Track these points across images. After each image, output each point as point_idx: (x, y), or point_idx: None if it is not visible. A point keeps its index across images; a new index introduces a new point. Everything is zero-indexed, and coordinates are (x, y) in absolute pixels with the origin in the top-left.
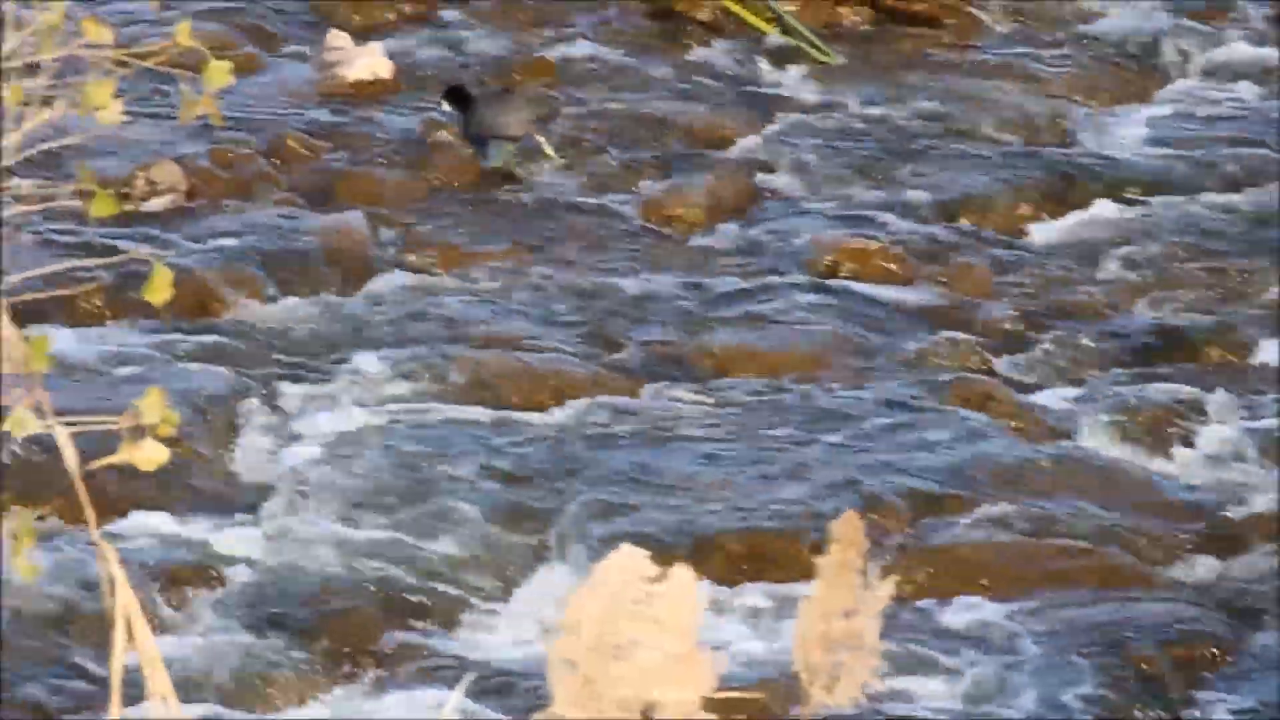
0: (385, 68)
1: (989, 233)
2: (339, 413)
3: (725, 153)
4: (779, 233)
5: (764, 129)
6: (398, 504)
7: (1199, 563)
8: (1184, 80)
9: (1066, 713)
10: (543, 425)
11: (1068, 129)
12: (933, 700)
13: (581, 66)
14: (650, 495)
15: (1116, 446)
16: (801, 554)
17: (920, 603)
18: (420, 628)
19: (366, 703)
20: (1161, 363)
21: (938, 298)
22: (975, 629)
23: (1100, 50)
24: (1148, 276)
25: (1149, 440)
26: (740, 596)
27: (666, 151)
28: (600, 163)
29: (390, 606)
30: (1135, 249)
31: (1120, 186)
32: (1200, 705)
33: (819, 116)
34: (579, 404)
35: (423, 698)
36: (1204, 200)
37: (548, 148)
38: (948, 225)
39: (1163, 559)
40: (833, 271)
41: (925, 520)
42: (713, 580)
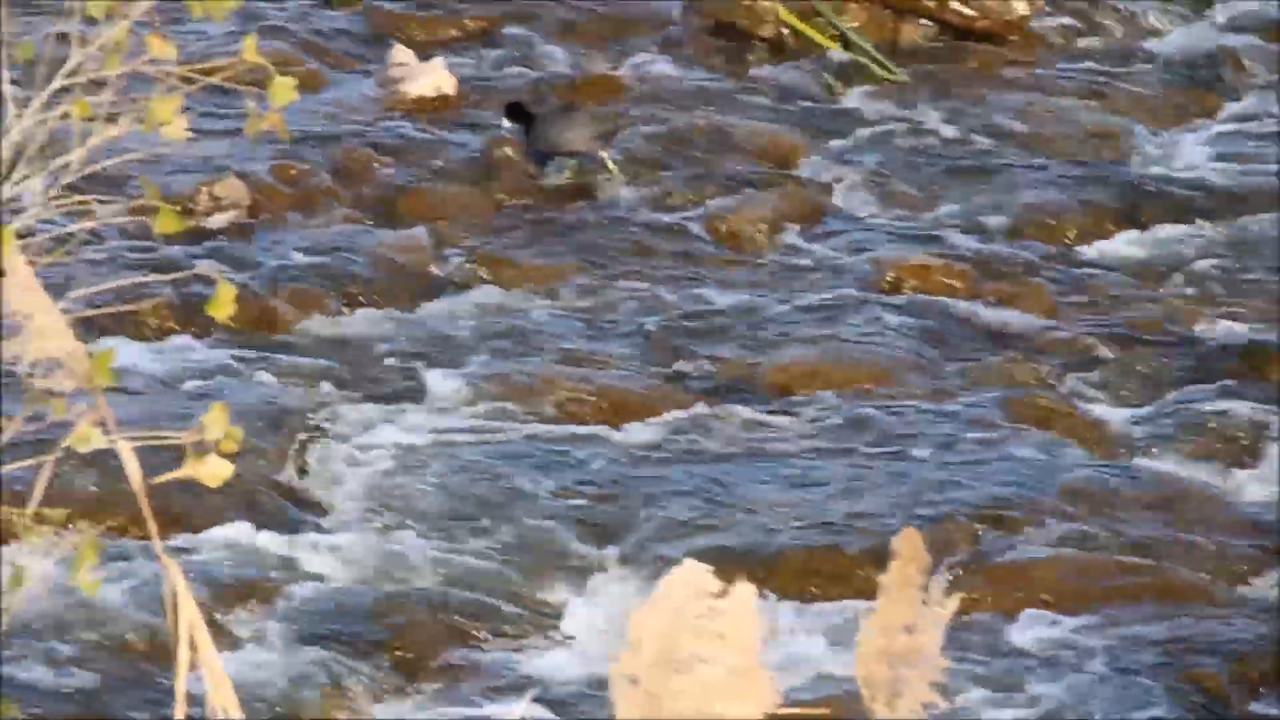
0: (449, 83)
1: (1053, 250)
2: (403, 428)
3: (789, 169)
4: (843, 250)
5: (827, 146)
6: (462, 519)
7: (1263, 580)
8: (1246, 98)
9: None
10: (606, 441)
11: (1131, 146)
12: (995, 717)
13: (645, 83)
14: (714, 511)
15: (1181, 463)
16: (864, 570)
17: (983, 618)
18: (485, 643)
19: (430, 718)
20: (1226, 380)
21: (1001, 315)
22: (1037, 645)
23: (1163, 68)
24: (1212, 294)
25: (1213, 457)
26: (803, 612)
27: (730, 168)
28: (664, 179)
29: (455, 622)
30: (1199, 266)
31: (1184, 204)
32: None
33: (882, 133)
34: (642, 420)
35: (487, 713)
36: (1267, 218)
37: (610, 164)
38: (1011, 242)
39: (1227, 576)
40: (896, 289)
41: (989, 537)
42: (775, 596)
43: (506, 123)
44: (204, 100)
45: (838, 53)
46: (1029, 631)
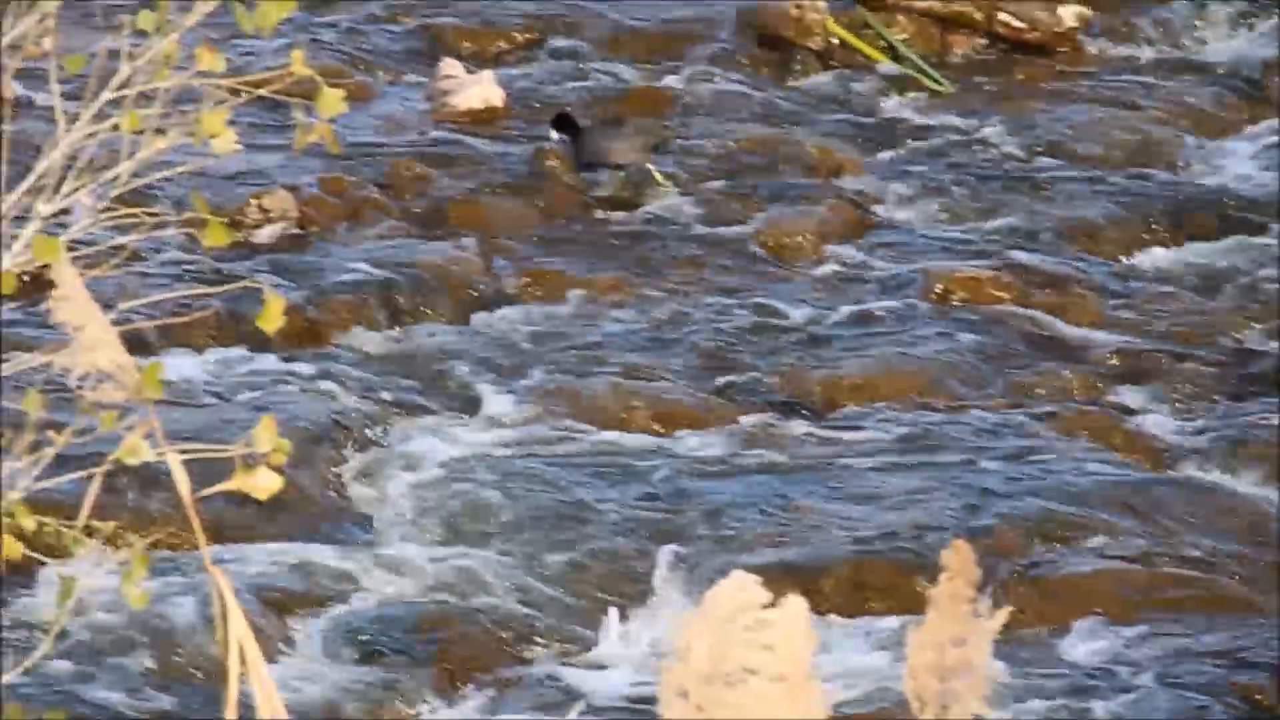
0: (497, 96)
1: (1101, 261)
2: (452, 441)
3: (837, 181)
4: (892, 261)
5: (876, 157)
6: (509, 531)
7: None
8: None
9: None
10: (654, 453)
11: (1179, 157)
12: None
13: (692, 95)
14: (764, 523)
15: (1231, 474)
16: (913, 582)
17: (1033, 631)
18: (531, 656)
19: None
20: (1273, 391)
21: (1051, 326)
22: (1088, 657)
23: (1210, 78)
24: (1262, 305)
25: (1261, 468)
26: (853, 624)
27: (779, 180)
28: (711, 191)
29: (504, 635)
30: (1246, 277)
31: (1233, 214)
32: None
33: (931, 145)
34: (690, 431)
35: None
36: None
37: (658, 176)
38: (1060, 254)
39: (1275, 587)
40: (946, 300)
41: (1039, 549)
42: (824, 608)
43: (554, 135)
44: (253, 113)
45: (887, 65)
46: (1079, 644)
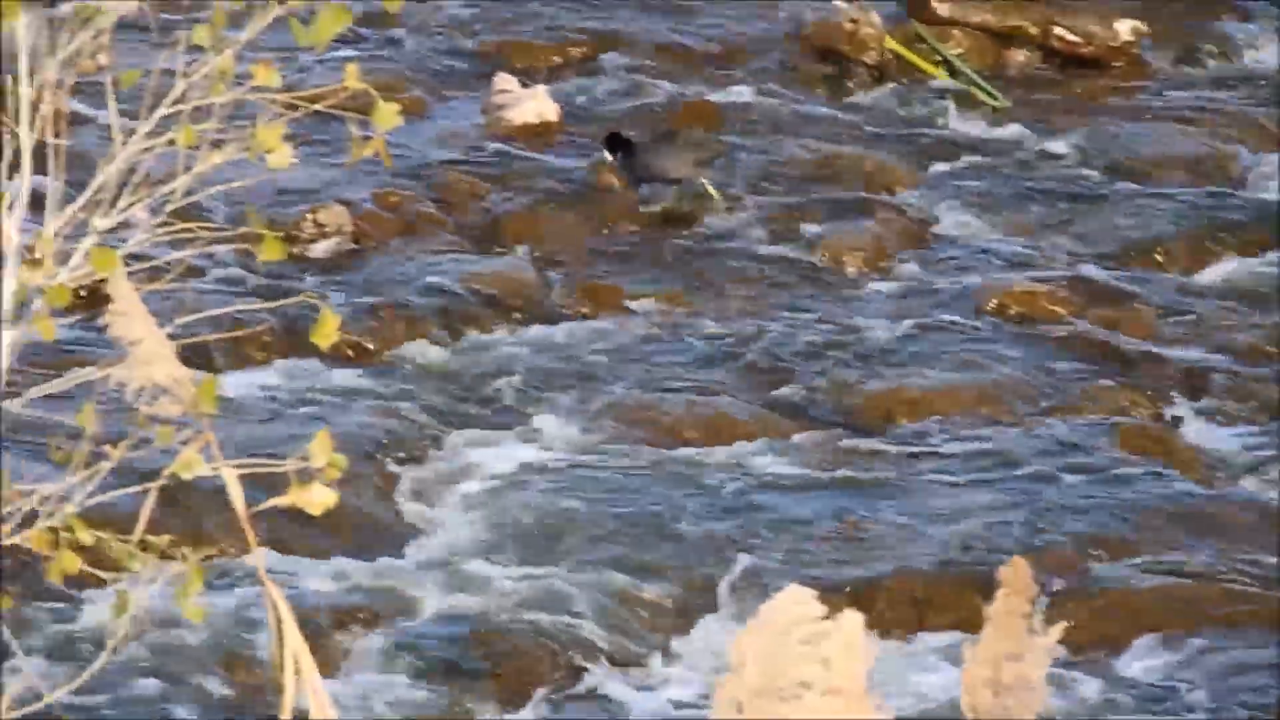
0: (551, 111)
1: (1158, 275)
2: (506, 454)
3: (892, 196)
4: (946, 275)
5: (931, 172)
6: (565, 546)
7: None
8: None
9: None
10: (710, 467)
11: (1235, 171)
12: None
13: (746, 110)
14: (819, 538)
15: None
16: (969, 597)
17: (1090, 647)
18: (588, 670)
19: None
20: None
21: (1107, 340)
22: (1142, 672)
23: (1268, 92)
24: None
25: None
26: (908, 639)
27: (834, 195)
28: (766, 206)
29: (557, 648)
30: None
31: None
32: None
33: (986, 159)
34: (746, 446)
35: None
36: None
37: (712, 190)
38: (1116, 267)
39: None
40: (1001, 314)
41: (1095, 564)
42: (880, 623)
43: (607, 155)
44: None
45: (942, 80)
46: (1136, 660)
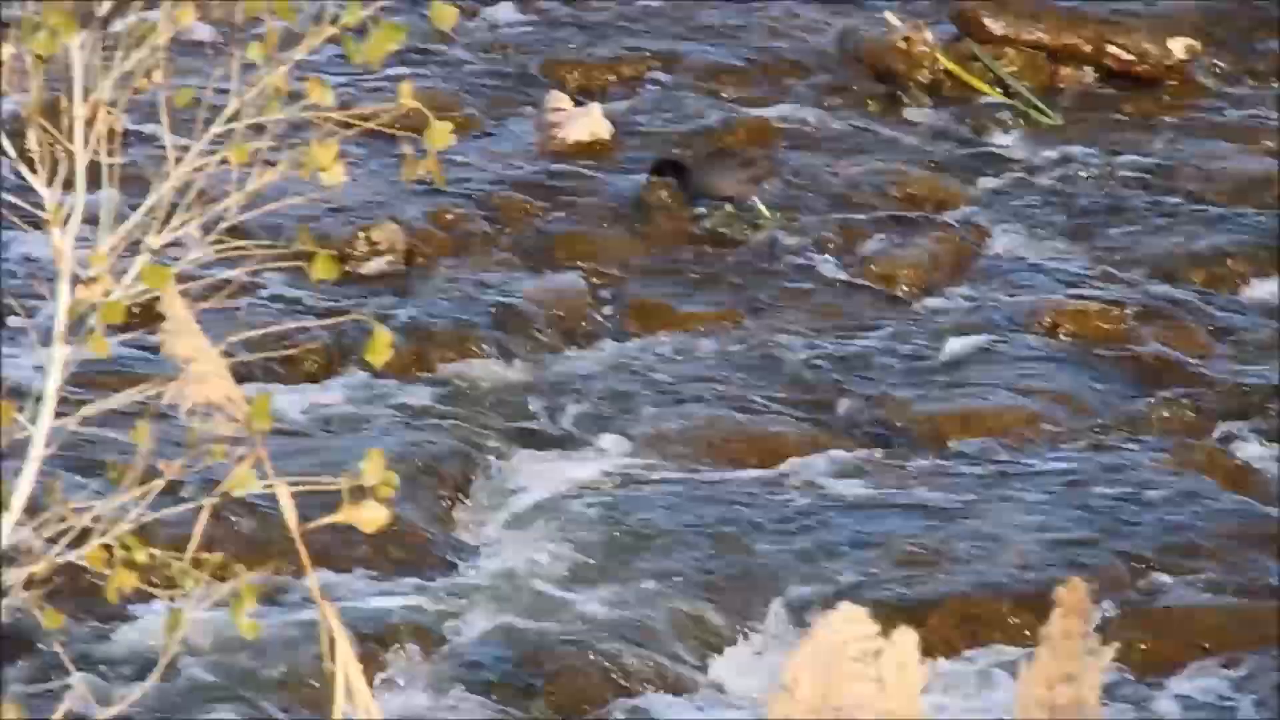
0: (605, 128)
1: (1209, 293)
2: (558, 472)
3: (945, 213)
4: (998, 293)
5: (983, 189)
6: (615, 564)
7: None
8: None
9: None
10: (760, 486)
11: None
12: None
13: (799, 128)
14: (868, 557)
15: None
16: (1022, 618)
17: (1141, 666)
18: (639, 690)
19: None
20: None
21: (1158, 358)
22: (1197, 692)
23: None
24: None
25: None
26: (960, 660)
27: (885, 212)
28: (816, 223)
29: (608, 668)
30: None
31: None
32: None
33: (1039, 177)
34: (796, 465)
35: None
36: None
37: (764, 209)
38: (1168, 286)
39: None
40: (1052, 332)
41: (1148, 584)
42: (931, 643)
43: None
44: (362, 144)
45: (995, 97)
46: (1192, 680)
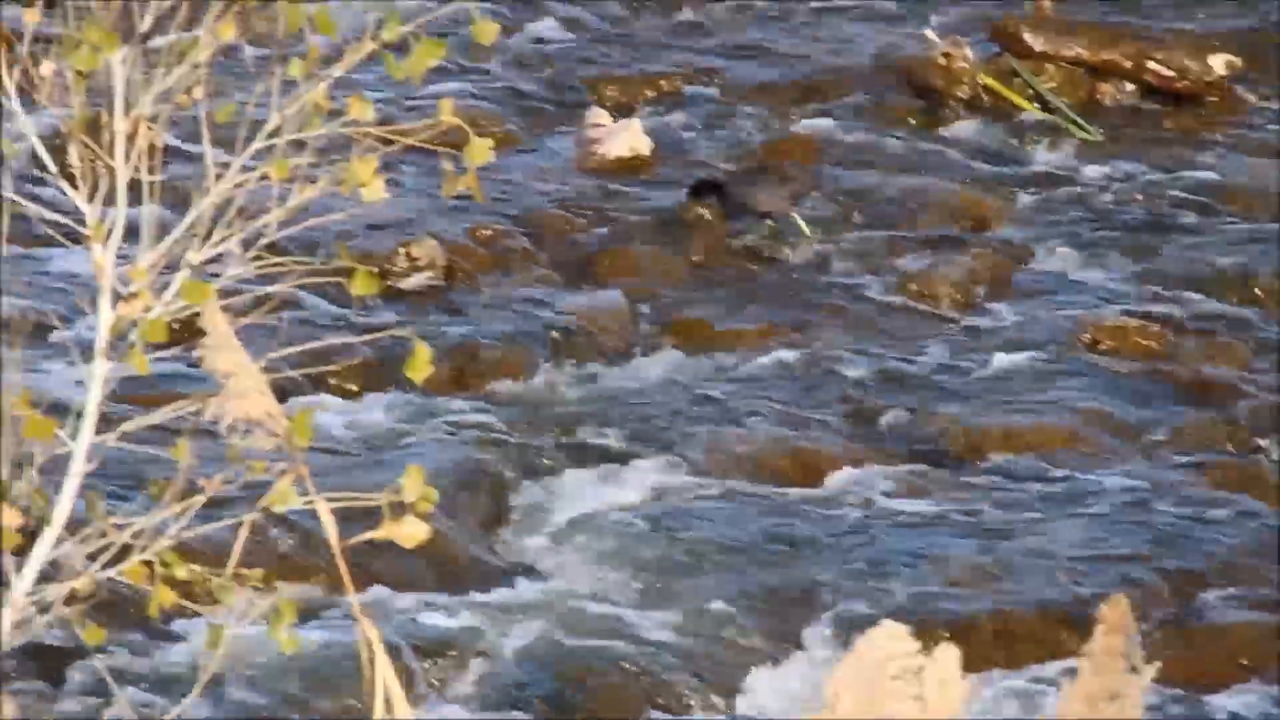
0: (645, 144)
1: (1250, 310)
2: (598, 488)
3: (984, 230)
4: (1038, 310)
5: (1023, 206)
6: (656, 580)
7: None
8: None
9: None
10: (800, 502)
11: None
12: None
13: (838, 144)
14: (909, 574)
15: None
16: (1063, 634)
17: (1183, 684)
18: (680, 706)
19: None
20: None
21: (1198, 375)
22: (1239, 709)
23: None
24: None
25: None
26: (1001, 677)
27: (925, 229)
28: (857, 240)
29: (649, 685)
30: None
31: None
32: None
33: (1079, 193)
34: (836, 482)
35: None
36: None
37: (803, 225)
38: (1209, 302)
39: None
40: (1093, 349)
41: (1189, 601)
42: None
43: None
44: (402, 161)
45: (1035, 113)
46: (1232, 698)
